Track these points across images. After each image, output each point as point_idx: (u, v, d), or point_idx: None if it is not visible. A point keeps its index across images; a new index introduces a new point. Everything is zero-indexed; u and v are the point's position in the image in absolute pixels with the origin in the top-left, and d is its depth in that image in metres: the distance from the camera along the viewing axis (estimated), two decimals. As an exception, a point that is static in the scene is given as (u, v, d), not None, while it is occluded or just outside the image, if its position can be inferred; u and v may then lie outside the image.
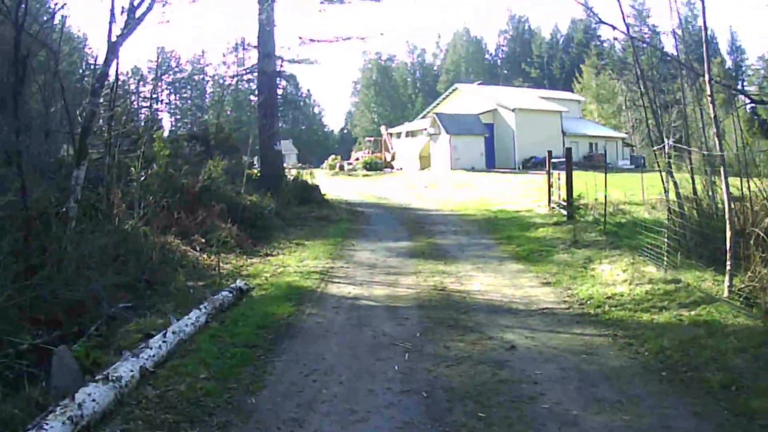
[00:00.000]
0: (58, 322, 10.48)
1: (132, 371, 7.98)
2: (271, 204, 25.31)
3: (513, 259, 17.83)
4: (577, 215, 23.54)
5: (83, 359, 8.78)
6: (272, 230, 23.43)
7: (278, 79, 36.54)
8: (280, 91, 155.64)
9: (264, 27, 33.29)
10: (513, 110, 67.81)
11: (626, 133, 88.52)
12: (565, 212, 24.38)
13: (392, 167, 73.68)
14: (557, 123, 70.67)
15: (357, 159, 78.46)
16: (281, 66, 35.30)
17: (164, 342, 9.24)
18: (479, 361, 8.97)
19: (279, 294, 13.89)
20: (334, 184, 52.51)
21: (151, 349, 8.82)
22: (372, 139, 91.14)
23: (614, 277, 14.13)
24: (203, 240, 18.76)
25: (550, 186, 28.44)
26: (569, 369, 8.63)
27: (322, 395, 7.89)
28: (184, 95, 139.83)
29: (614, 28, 16.87)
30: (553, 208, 27.17)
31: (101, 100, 16.22)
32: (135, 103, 26.48)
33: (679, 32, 18.95)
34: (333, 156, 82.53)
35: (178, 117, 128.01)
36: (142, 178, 17.50)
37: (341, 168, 73.24)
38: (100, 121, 17.88)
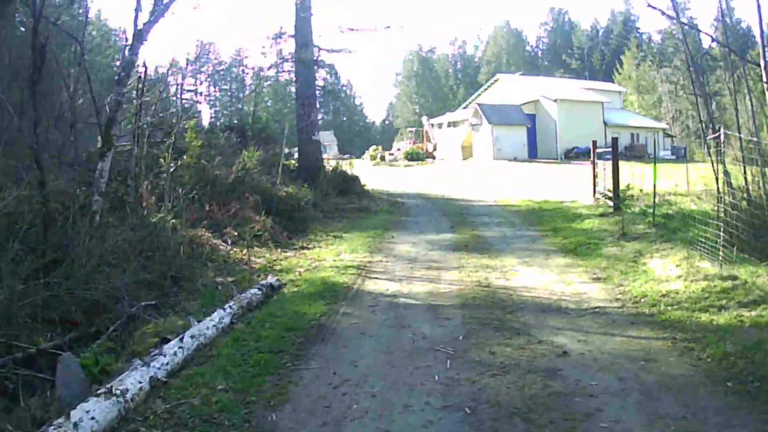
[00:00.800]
0: (74, 322, 9.85)
1: (140, 382, 7.13)
2: (308, 195, 24.39)
3: (560, 252, 16.82)
4: (623, 206, 22.44)
5: (91, 366, 8.02)
6: (309, 222, 22.68)
7: (316, 68, 35.63)
8: (320, 82, 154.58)
9: (300, 15, 32.49)
10: (555, 101, 67.35)
11: (666, 123, 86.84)
12: (611, 203, 23.38)
13: (434, 158, 72.71)
14: (599, 113, 70.01)
15: (398, 149, 77.64)
16: (319, 55, 34.47)
17: (180, 348, 8.40)
18: (528, 370, 7.95)
19: (312, 291, 13.00)
20: (375, 174, 51.60)
21: (164, 356, 7.96)
22: (413, 129, 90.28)
23: (667, 273, 13.08)
24: (235, 233, 18.05)
25: (595, 176, 27.47)
26: (627, 379, 7.60)
27: (352, 411, 6.91)
28: (224, 87, 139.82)
29: (663, 13, 15.77)
30: (598, 198, 26.22)
31: (126, 90, 15.58)
32: (172, 94, 25.74)
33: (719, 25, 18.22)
34: (374, 146, 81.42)
35: (218, 109, 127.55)
36: (172, 170, 16.86)
37: (382, 158, 72.22)
38: (132, 111, 17.32)
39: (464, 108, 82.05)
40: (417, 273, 14.70)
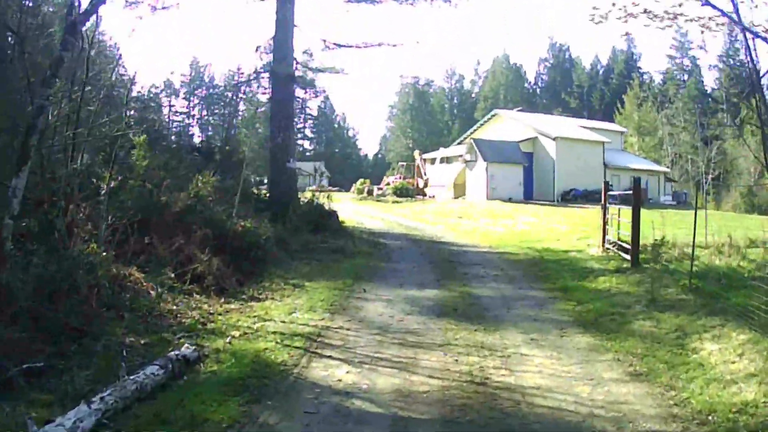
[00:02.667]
0: None
1: None
2: (268, 231, 20.52)
3: (577, 325, 13.06)
4: (644, 262, 19.24)
5: None
6: (269, 264, 18.99)
7: (297, 87, 32.04)
8: (314, 112, 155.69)
9: (281, 25, 29.01)
10: (554, 139, 64.25)
11: (666, 167, 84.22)
12: (626, 256, 20.06)
13: (424, 194, 69.62)
14: (599, 154, 67.15)
15: (388, 184, 74.05)
16: (297, 69, 30.88)
17: None
18: None
19: (235, 375, 9.32)
20: (360, 209, 48.71)
21: None
22: (404, 163, 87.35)
23: (731, 366, 9.56)
24: (173, 275, 14.51)
25: (605, 223, 24.09)
26: None
27: None
28: (216, 111, 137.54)
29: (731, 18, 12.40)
30: (608, 249, 22.98)
31: (51, 93, 12.31)
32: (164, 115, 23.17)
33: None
34: (362, 180, 78.26)
35: (209, 133, 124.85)
36: (109, 192, 14.00)
37: (370, 193, 69.15)
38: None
39: (459, 144, 78.89)
40: (386, 352, 10.87)
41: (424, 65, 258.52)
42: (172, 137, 24.95)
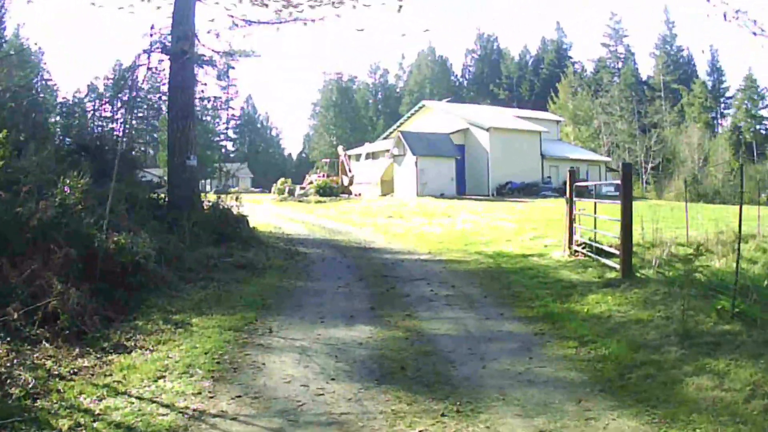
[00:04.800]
0: None
1: None
2: (149, 248, 15.40)
3: (599, 390, 8.23)
4: (637, 270, 15.60)
5: None
6: (151, 292, 14.15)
7: (200, 70, 26.94)
8: (236, 112, 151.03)
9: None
10: (487, 129, 60.91)
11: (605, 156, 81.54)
12: (608, 262, 16.77)
13: (350, 192, 65.06)
14: (536, 145, 64.42)
15: (311, 183, 68.92)
16: (199, 49, 25.94)
17: None
18: None
19: None
20: (279, 212, 44.03)
21: None
22: (328, 160, 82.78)
23: None
24: (16, 313, 10.16)
25: (572, 221, 19.98)
26: None
27: None
28: (140, 115, 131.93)
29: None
30: (576, 252, 19.16)
31: None
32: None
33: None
34: (282, 179, 73.27)
35: (100, 129, 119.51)
36: None
37: (291, 193, 64.39)
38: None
39: (385, 138, 74.82)
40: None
41: (347, 61, 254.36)
42: (64, 136, 20.38)
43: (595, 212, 19.28)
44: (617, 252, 16.29)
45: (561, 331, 11.22)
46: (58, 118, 23.11)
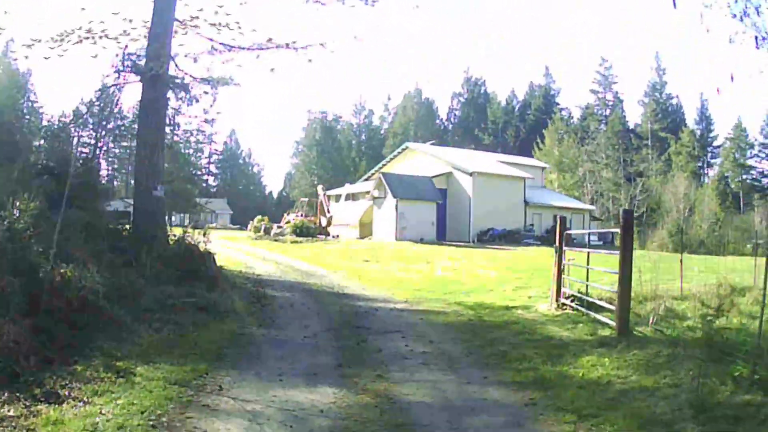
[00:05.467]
0: None
1: None
2: (96, 284, 13.75)
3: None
4: (635, 328, 14.21)
5: None
6: (100, 331, 12.57)
7: (174, 93, 25.40)
8: (219, 146, 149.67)
9: (159, 14, 22.81)
10: (471, 174, 59.52)
11: (590, 205, 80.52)
12: (601, 318, 15.45)
13: (327, 233, 63.28)
14: (520, 191, 63.30)
15: (288, 222, 67.20)
16: (177, 74, 24.55)
17: None
18: None
19: None
20: (252, 250, 42.61)
21: None
22: (307, 199, 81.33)
23: None
24: None
25: (560, 272, 18.68)
26: None
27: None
28: (124, 144, 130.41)
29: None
30: (564, 305, 18.03)
31: None
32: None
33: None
34: (259, 217, 71.50)
35: (116, 166, 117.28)
36: None
37: (266, 231, 62.52)
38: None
39: (366, 180, 73.55)
40: None
41: (333, 99, 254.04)
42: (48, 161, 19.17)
43: (588, 263, 17.97)
44: (610, 306, 15.25)
45: (555, 401, 9.76)
46: (42, 141, 21.84)
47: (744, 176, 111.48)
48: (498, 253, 43.35)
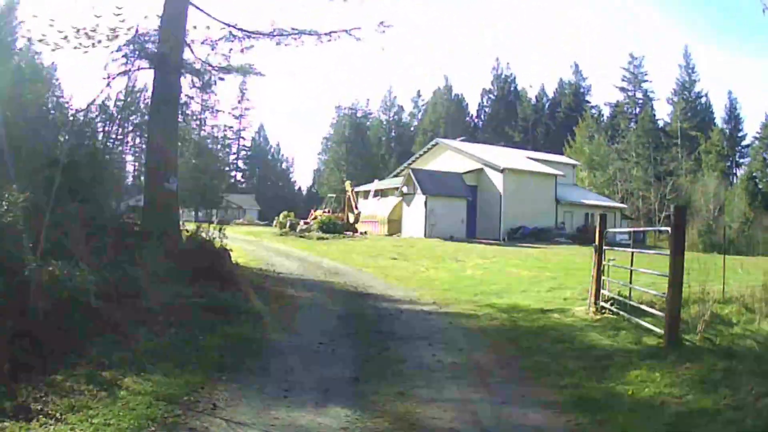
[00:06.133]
0: None
1: None
2: (88, 282, 12.40)
3: None
4: (688, 338, 12.72)
5: None
6: (93, 335, 11.35)
7: (190, 80, 24.16)
8: (247, 142, 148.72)
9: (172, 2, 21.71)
10: (501, 170, 58.58)
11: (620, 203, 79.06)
12: (647, 325, 14.04)
13: (355, 230, 61.89)
14: (551, 189, 62.42)
15: (315, 218, 66.18)
16: (195, 63, 23.37)
17: None
18: None
19: None
20: (276, 247, 41.60)
21: None
22: (335, 195, 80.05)
23: None
24: None
25: (599, 273, 17.18)
26: None
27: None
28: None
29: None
30: (603, 309, 16.60)
31: None
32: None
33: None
34: (284, 213, 70.05)
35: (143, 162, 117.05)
36: None
37: (292, 227, 61.18)
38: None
39: (396, 176, 72.42)
40: None
41: (361, 94, 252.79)
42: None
43: (631, 264, 16.40)
44: (654, 311, 14.17)
45: (605, 427, 8.35)
46: (68, 137, 20.91)
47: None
48: (529, 251, 42.24)
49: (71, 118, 17.96)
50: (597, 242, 17.61)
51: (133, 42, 21.98)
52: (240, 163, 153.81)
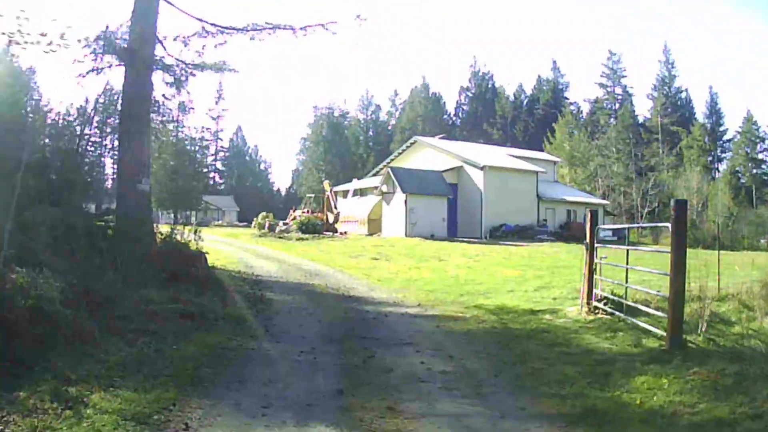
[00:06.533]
0: None
1: None
2: (53, 290, 11.50)
3: None
4: (694, 340, 12.25)
5: None
6: (61, 346, 10.51)
7: (165, 78, 23.32)
8: (225, 143, 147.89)
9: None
10: (482, 168, 57.77)
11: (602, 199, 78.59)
12: (643, 324, 13.60)
13: (335, 230, 61.27)
14: (532, 185, 61.82)
15: (294, 218, 65.33)
16: (164, 58, 22.53)
17: None
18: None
19: None
20: (254, 249, 40.72)
21: None
22: (313, 195, 79.21)
23: None
24: None
25: (591, 272, 16.58)
26: None
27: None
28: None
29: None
30: (596, 309, 16.01)
31: None
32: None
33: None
34: (263, 213, 69.28)
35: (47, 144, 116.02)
36: None
37: (271, 228, 60.40)
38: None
39: (375, 174, 71.67)
40: None
41: (338, 95, 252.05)
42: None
43: (627, 262, 15.66)
44: (650, 310, 13.86)
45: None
46: (47, 140, 20.20)
47: (755, 170, 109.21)
48: (513, 249, 41.71)
49: (49, 121, 17.44)
50: (588, 240, 16.96)
51: (102, 38, 21.19)
52: (218, 165, 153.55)
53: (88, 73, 21.89)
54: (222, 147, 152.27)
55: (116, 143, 26.14)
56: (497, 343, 13.45)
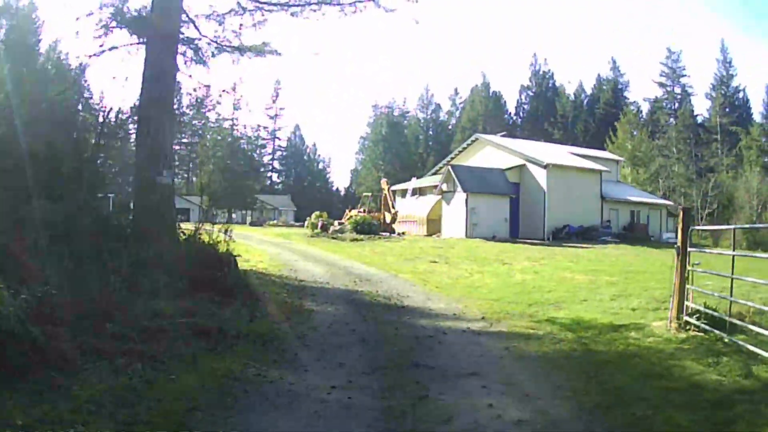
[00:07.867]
0: None
1: None
2: (9, 305, 9.00)
3: None
4: None
5: None
6: (25, 374, 8.45)
7: (186, 54, 21.08)
8: (283, 143, 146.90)
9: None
10: (545, 166, 55.35)
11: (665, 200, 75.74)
12: (745, 346, 11.51)
13: (392, 230, 59.01)
14: (596, 185, 59.21)
15: (350, 218, 63.10)
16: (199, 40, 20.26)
17: None
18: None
19: None
20: (304, 250, 38.43)
21: None
22: (371, 194, 76.78)
23: None
24: None
25: (683, 281, 14.37)
26: None
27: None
28: (183, 140, 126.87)
29: None
30: (689, 325, 13.80)
31: None
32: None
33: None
34: (316, 213, 66.78)
35: (177, 163, 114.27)
36: None
37: (324, 228, 58.02)
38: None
39: (434, 173, 70.06)
40: None
41: (398, 94, 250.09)
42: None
43: (732, 271, 12.79)
44: (757, 329, 11.69)
45: None
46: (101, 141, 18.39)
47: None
48: (578, 252, 39.39)
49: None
50: (680, 243, 14.48)
51: (114, 8, 18.96)
52: (276, 164, 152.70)
53: (104, 50, 19.71)
54: (280, 146, 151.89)
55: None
56: (581, 374, 10.65)
